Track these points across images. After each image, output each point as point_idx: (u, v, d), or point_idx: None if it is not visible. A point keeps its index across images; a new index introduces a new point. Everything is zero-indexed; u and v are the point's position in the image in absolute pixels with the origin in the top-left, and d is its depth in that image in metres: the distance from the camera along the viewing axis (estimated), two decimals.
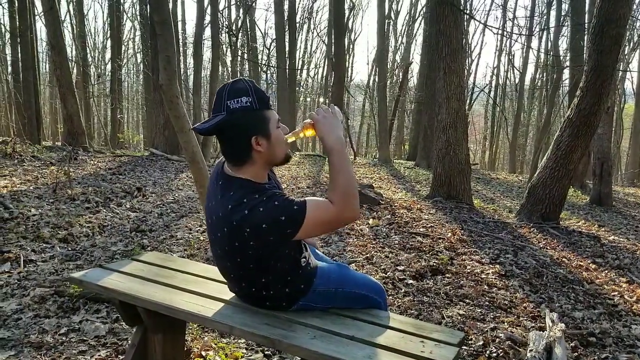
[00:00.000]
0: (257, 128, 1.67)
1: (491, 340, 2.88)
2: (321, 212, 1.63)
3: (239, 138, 1.67)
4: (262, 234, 1.61)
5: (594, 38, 6.06)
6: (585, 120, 6.20)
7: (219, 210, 1.69)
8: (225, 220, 1.66)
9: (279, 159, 1.76)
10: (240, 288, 1.87)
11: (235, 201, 1.64)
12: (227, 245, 1.69)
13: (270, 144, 1.70)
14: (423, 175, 12.99)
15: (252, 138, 1.66)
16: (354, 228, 5.42)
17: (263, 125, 1.68)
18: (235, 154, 1.70)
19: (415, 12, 27.01)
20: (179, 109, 3.92)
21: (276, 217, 1.59)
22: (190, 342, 2.60)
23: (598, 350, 2.91)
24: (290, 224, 1.61)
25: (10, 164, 7.73)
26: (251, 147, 1.67)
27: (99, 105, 24.10)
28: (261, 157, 1.70)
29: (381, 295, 2.00)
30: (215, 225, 1.73)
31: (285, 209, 1.60)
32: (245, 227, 1.61)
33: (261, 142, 1.67)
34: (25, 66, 11.80)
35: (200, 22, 13.77)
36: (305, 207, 1.61)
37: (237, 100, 1.64)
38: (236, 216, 1.62)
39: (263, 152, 1.69)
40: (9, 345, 2.56)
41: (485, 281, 3.96)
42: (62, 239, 4.45)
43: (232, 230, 1.64)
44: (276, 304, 1.86)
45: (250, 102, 1.65)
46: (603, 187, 10.05)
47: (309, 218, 1.60)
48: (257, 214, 1.60)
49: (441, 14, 7.46)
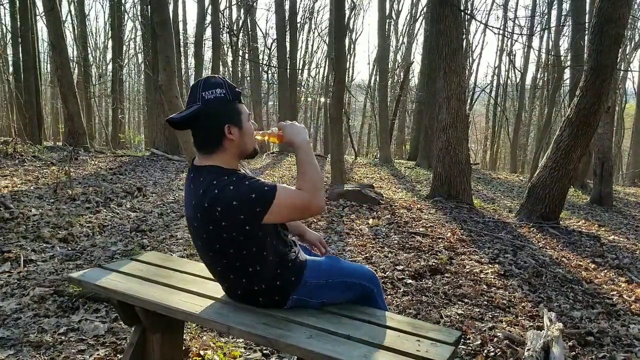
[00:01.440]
0: (230, 117, 1.75)
1: (489, 340, 2.88)
2: (291, 195, 1.70)
3: (212, 126, 1.74)
4: (232, 211, 1.65)
5: (593, 38, 6.06)
6: (584, 119, 6.20)
7: (192, 200, 1.74)
8: (198, 206, 1.70)
9: (249, 150, 1.84)
10: (229, 283, 1.86)
11: (206, 185, 1.69)
12: (204, 232, 1.73)
13: (242, 134, 1.78)
14: (424, 175, 12.99)
15: (225, 126, 1.73)
16: (353, 228, 5.43)
17: (236, 115, 1.77)
18: (207, 142, 1.76)
19: (416, 12, 27.03)
20: (178, 109, 3.93)
21: (246, 194, 1.64)
22: (189, 341, 2.61)
23: (596, 350, 2.92)
24: (259, 202, 1.65)
25: (11, 164, 7.75)
26: (223, 135, 1.74)
27: (100, 105, 24.14)
28: (232, 146, 1.77)
29: (373, 282, 2.01)
30: (192, 218, 1.77)
31: (255, 188, 1.66)
32: (217, 206, 1.66)
33: (233, 131, 1.75)
34: (26, 66, 11.83)
35: (201, 22, 13.81)
36: (275, 189, 1.67)
37: (212, 91, 1.72)
38: (207, 197, 1.67)
39: (234, 140, 1.76)
40: (8, 345, 2.57)
41: (484, 281, 3.97)
42: (62, 238, 4.47)
43: (205, 213, 1.68)
44: (269, 300, 1.86)
45: (224, 94, 1.74)
46: (604, 187, 10.04)
47: (279, 199, 1.66)
48: (227, 192, 1.65)
49: (442, 14, 7.46)
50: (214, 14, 13.43)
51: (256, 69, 20.51)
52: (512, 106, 28.25)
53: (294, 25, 17.33)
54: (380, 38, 17.93)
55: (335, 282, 1.92)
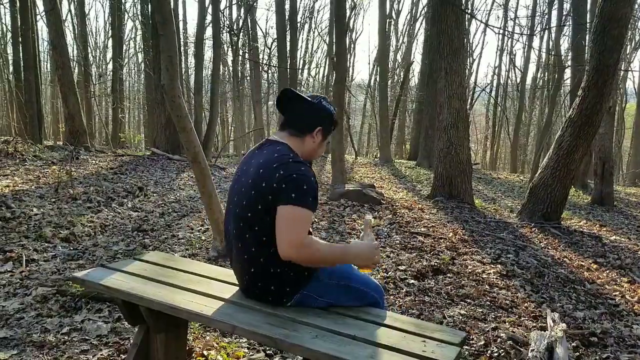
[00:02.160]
0: (325, 127, 2.03)
1: (492, 340, 2.88)
2: (298, 222, 1.76)
3: (312, 118, 1.99)
4: (285, 180, 1.77)
5: (595, 37, 6.06)
6: (587, 119, 6.19)
7: (261, 162, 1.86)
8: (266, 166, 1.83)
9: (312, 157, 2.08)
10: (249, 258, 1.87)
11: (283, 153, 1.86)
12: (255, 187, 1.83)
13: (318, 144, 2.03)
14: (424, 175, 12.99)
15: (318, 127, 1.99)
16: (355, 228, 5.42)
17: (327, 131, 2.06)
18: (300, 126, 1.99)
19: (416, 11, 27.02)
20: (181, 109, 3.92)
21: (302, 182, 1.78)
22: (192, 341, 2.61)
23: (599, 350, 2.91)
24: (297, 192, 1.76)
25: (12, 163, 7.74)
26: (312, 131, 1.98)
27: (100, 104, 24.12)
28: (307, 144, 2.00)
29: (380, 294, 2.04)
30: (250, 175, 1.88)
31: (310, 188, 1.79)
32: (281, 169, 1.79)
33: (317, 136, 2.00)
34: (26, 66, 11.80)
35: (201, 22, 13.77)
36: (308, 206, 1.78)
37: (329, 105, 2.05)
38: (280, 163, 1.81)
39: (312, 142, 2.00)
40: (11, 345, 2.56)
41: (486, 281, 3.96)
42: (64, 238, 4.46)
43: (268, 171, 1.81)
44: (280, 291, 1.87)
45: (333, 114, 2.07)
46: (604, 187, 10.03)
47: (296, 211, 1.75)
48: (297, 167, 1.80)
49: (442, 14, 7.46)
50: (214, 14, 13.39)
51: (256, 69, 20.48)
52: (512, 106, 28.25)
53: (294, 25, 17.30)
54: (380, 38, 17.93)
55: (346, 285, 1.95)
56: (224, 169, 10.80)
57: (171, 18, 3.95)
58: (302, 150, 1.98)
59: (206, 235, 4.83)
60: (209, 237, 4.72)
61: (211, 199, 4.14)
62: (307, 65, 29.55)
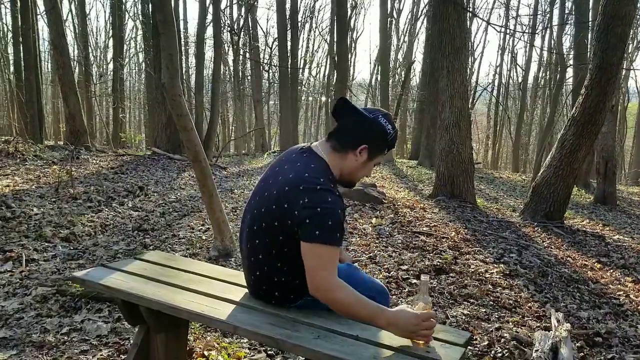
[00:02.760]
0: (372, 146, 1.80)
1: (496, 340, 2.85)
2: (325, 261, 1.64)
3: (358, 134, 1.79)
4: (308, 213, 1.63)
5: (599, 36, 6.02)
6: (590, 118, 6.16)
7: (291, 172, 1.73)
8: (293, 181, 1.69)
9: (353, 178, 1.87)
10: (255, 262, 1.83)
11: (315, 173, 1.70)
12: (278, 203, 1.71)
13: (362, 164, 1.82)
14: (426, 174, 12.96)
15: (363, 144, 1.78)
16: (356, 227, 5.39)
17: (376, 150, 1.83)
18: (344, 141, 1.80)
19: (417, 10, 26.95)
20: (181, 108, 3.90)
21: (326, 217, 1.62)
22: (193, 341, 2.58)
23: (604, 351, 2.88)
24: (319, 232, 1.62)
25: (13, 163, 7.73)
26: (355, 148, 1.78)
27: (101, 104, 24.12)
28: (349, 162, 1.81)
29: (386, 297, 1.99)
30: (277, 184, 1.75)
31: (336, 223, 1.63)
32: (306, 197, 1.64)
33: (362, 155, 1.79)
34: (27, 65, 11.79)
35: (202, 21, 13.76)
36: (334, 243, 1.64)
37: (386, 122, 1.81)
38: (308, 184, 1.66)
39: (354, 161, 1.80)
40: (10, 345, 2.54)
41: (489, 281, 3.93)
42: (64, 238, 4.44)
43: (293, 191, 1.67)
44: (284, 297, 1.84)
45: (389, 132, 1.82)
46: (607, 186, 10.00)
47: (325, 250, 1.63)
48: (324, 198, 1.64)
49: (444, 12, 7.43)
50: (215, 13, 13.38)
51: (257, 68, 20.47)
52: (514, 105, 28.20)
53: (295, 24, 17.28)
54: (381, 37, 17.91)
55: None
56: (225, 169, 10.78)
57: (172, 17, 3.93)
58: (341, 168, 1.81)
59: (207, 235, 4.81)
60: (209, 236, 4.70)
61: (212, 198, 4.11)
62: (308, 65, 29.55)
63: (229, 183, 8.54)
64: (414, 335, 1.62)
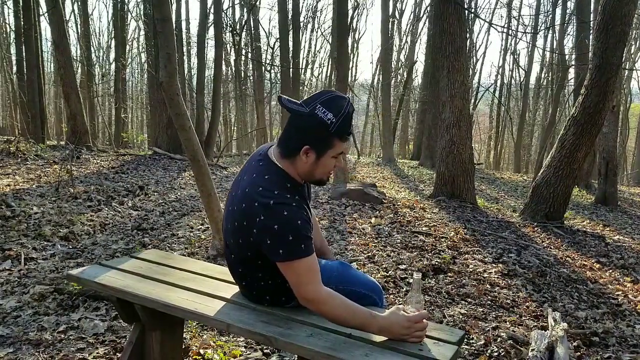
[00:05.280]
0: (315, 143, 1.66)
1: (493, 340, 2.85)
2: (302, 276, 1.60)
3: (297, 137, 1.68)
4: (266, 232, 1.59)
5: (598, 35, 6.02)
6: (590, 118, 6.15)
7: (247, 186, 1.68)
8: (249, 196, 1.64)
9: (314, 178, 1.76)
10: (240, 274, 1.84)
11: (269, 185, 1.64)
12: (238, 220, 1.67)
13: (315, 163, 1.69)
14: (427, 174, 12.95)
15: (304, 145, 1.66)
16: (356, 227, 5.39)
17: (323, 146, 1.67)
18: (287, 145, 1.71)
19: (419, 11, 26.88)
20: (179, 107, 3.90)
21: (284, 233, 1.57)
22: (189, 340, 2.59)
23: (601, 350, 2.88)
24: (284, 251, 1.58)
25: (14, 162, 7.75)
26: (298, 151, 1.67)
27: (103, 104, 24.16)
28: (300, 166, 1.71)
29: (380, 295, 1.98)
30: (237, 198, 1.72)
31: (297, 236, 1.58)
32: (261, 214, 1.59)
33: (309, 155, 1.67)
34: (29, 65, 11.84)
35: (203, 22, 13.79)
36: (303, 255, 1.59)
37: (325, 111, 1.63)
38: (262, 199, 1.60)
39: (304, 163, 1.69)
40: (7, 343, 2.55)
41: (487, 280, 3.93)
42: (63, 237, 4.45)
43: (250, 209, 1.62)
44: (275, 300, 1.84)
45: (331, 123, 1.63)
46: (608, 187, 9.98)
47: (297, 264, 1.59)
48: (278, 214, 1.58)
49: (445, 12, 7.42)
50: (217, 13, 13.39)
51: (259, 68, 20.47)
52: (516, 106, 28.13)
53: (297, 25, 17.29)
54: (383, 37, 17.90)
55: (345, 289, 1.84)
56: (226, 169, 10.79)
57: (170, 16, 3.94)
58: (296, 171, 1.72)
59: (206, 234, 4.82)
60: (208, 236, 4.71)
61: (210, 198, 4.12)
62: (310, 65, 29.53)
63: (229, 183, 8.55)
64: (407, 338, 1.62)
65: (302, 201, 1.70)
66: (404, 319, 1.61)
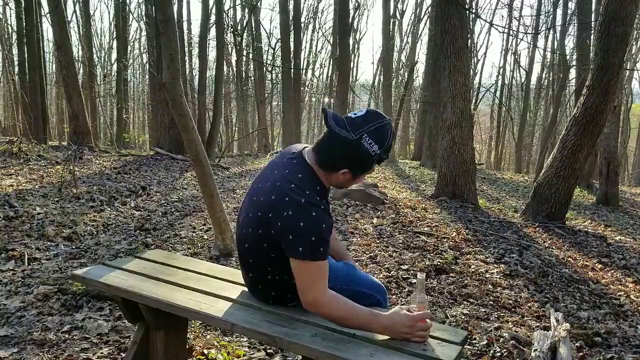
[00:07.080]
0: (355, 168, 1.72)
1: (495, 340, 2.85)
2: (313, 277, 1.63)
3: (340, 159, 1.70)
4: (290, 228, 1.61)
5: (600, 36, 6.02)
6: (591, 118, 6.15)
7: (279, 179, 1.70)
8: (280, 190, 1.66)
9: (341, 188, 1.97)
10: (249, 265, 1.85)
11: (302, 184, 1.67)
12: (264, 211, 1.69)
13: (349, 181, 1.77)
14: (428, 175, 12.95)
15: (344, 168, 1.71)
16: (357, 227, 5.40)
17: (361, 169, 1.74)
18: (326, 161, 1.73)
19: (420, 11, 26.89)
20: (182, 108, 3.91)
21: (307, 233, 1.60)
22: (193, 340, 2.60)
23: (603, 351, 2.88)
24: (303, 249, 1.60)
25: (16, 163, 7.77)
26: (337, 170, 1.72)
27: (105, 105, 24.19)
28: (333, 179, 1.76)
29: (384, 295, 2.00)
30: (264, 190, 1.74)
31: (320, 239, 1.61)
32: (290, 209, 1.62)
33: (346, 175, 1.73)
34: (31, 66, 11.87)
35: (205, 22, 13.78)
36: (319, 258, 1.61)
37: (371, 143, 1.66)
38: (293, 195, 1.63)
39: (339, 178, 1.75)
40: (12, 343, 2.56)
41: (489, 281, 3.94)
42: (66, 237, 4.46)
43: (279, 202, 1.64)
44: (280, 296, 1.85)
45: (375, 154, 1.68)
46: (609, 187, 9.97)
47: (312, 265, 1.62)
48: (307, 213, 1.61)
49: (446, 13, 7.43)
50: (218, 14, 13.39)
51: (260, 69, 20.52)
52: (517, 106, 28.12)
53: (298, 25, 17.31)
54: (384, 38, 17.91)
55: (350, 289, 1.87)
56: (227, 169, 10.80)
57: (173, 17, 3.95)
58: (327, 180, 1.77)
59: (208, 235, 4.83)
60: (211, 236, 4.72)
61: (212, 198, 4.13)
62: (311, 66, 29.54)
63: (231, 183, 8.56)
64: (410, 337, 1.62)
65: (328, 207, 1.74)
66: (406, 318, 1.62)
